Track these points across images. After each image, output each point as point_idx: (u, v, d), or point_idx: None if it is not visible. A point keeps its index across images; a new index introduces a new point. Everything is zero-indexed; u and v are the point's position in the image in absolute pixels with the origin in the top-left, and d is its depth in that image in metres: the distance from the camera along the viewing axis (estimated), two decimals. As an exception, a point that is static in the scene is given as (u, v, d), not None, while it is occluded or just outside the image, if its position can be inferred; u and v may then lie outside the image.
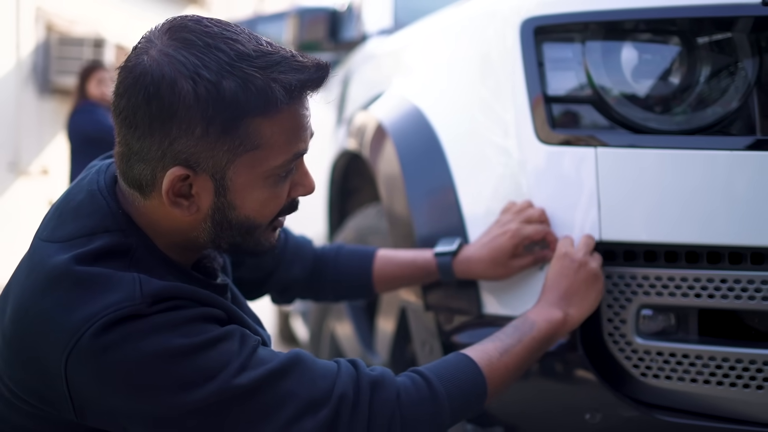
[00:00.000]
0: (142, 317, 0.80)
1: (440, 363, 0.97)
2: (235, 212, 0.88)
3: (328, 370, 0.88)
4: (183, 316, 0.82)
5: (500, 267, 1.17)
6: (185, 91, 0.80)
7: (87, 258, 0.83)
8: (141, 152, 0.84)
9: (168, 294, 0.82)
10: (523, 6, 1.23)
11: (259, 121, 0.83)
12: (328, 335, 2.04)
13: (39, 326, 0.81)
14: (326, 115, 2.66)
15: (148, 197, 0.87)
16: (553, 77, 1.20)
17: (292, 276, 1.28)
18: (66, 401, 0.81)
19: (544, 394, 1.19)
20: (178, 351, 0.80)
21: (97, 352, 0.78)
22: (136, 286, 0.81)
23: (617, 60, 1.18)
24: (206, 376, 0.81)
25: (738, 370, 1.08)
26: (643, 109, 1.17)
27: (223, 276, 1.03)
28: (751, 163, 1.09)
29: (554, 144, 1.17)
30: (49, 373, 0.80)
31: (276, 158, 0.86)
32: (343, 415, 0.85)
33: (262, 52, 0.83)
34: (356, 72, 2.26)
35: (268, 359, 0.85)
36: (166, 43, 0.82)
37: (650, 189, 1.11)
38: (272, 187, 0.88)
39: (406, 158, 1.40)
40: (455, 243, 1.22)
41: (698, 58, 1.16)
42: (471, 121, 1.31)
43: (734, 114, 1.14)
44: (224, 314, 0.89)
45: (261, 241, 0.93)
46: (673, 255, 1.11)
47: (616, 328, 1.14)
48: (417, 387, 0.91)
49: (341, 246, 1.34)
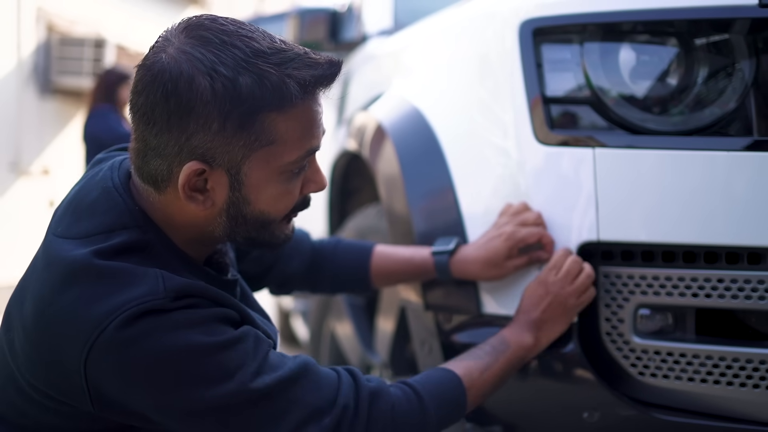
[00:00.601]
0: (164, 312, 0.81)
1: (429, 378, 1.02)
2: (249, 207, 0.89)
3: (332, 379, 0.92)
4: (201, 314, 0.84)
5: (495, 268, 1.19)
6: (203, 87, 0.81)
7: (107, 253, 0.84)
8: (158, 148, 0.85)
9: (189, 291, 0.84)
10: (521, 8, 1.23)
11: (274, 116, 0.84)
12: (328, 335, 2.05)
13: (61, 319, 0.82)
14: (327, 115, 2.67)
15: (163, 192, 0.89)
16: (551, 78, 1.20)
17: (290, 270, 1.30)
18: (84, 393, 0.83)
19: (543, 393, 1.20)
20: (198, 348, 0.82)
21: (121, 344, 0.80)
22: (159, 280, 0.83)
23: (615, 61, 1.19)
24: (225, 375, 0.83)
25: (735, 369, 1.09)
26: (641, 110, 1.18)
27: (233, 271, 1.04)
28: (749, 164, 1.10)
29: (552, 145, 1.18)
30: (68, 364, 0.82)
31: (290, 154, 0.87)
32: (343, 424, 0.90)
33: (277, 49, 0.84)
34: (356, 72, 2.27)
35: (279, 364, 0.88)
36: (184, 41, 0.83)
37: (648, 189, 1.12)
38: (286, 183, 0.90)
39: (405, 159, 1.40)
40: (452, 243, 1.24)
41: (696, 59, 1.17)
42: (470, 121, 1.32)
43: (731, 115, 1.15)
44: (238, 315, 0.91)
45: (276, 234, 0.95)
46: (670, 255, 1.12)
47: (614, 327, 1.14)
48: (408, 399, 0.96)
49: (339, 240, 1.35)
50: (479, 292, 1.24)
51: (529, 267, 1.19)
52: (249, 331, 0.89)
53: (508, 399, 1.24)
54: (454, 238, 1.25)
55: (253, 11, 9.21)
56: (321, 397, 0.89)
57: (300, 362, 0.91)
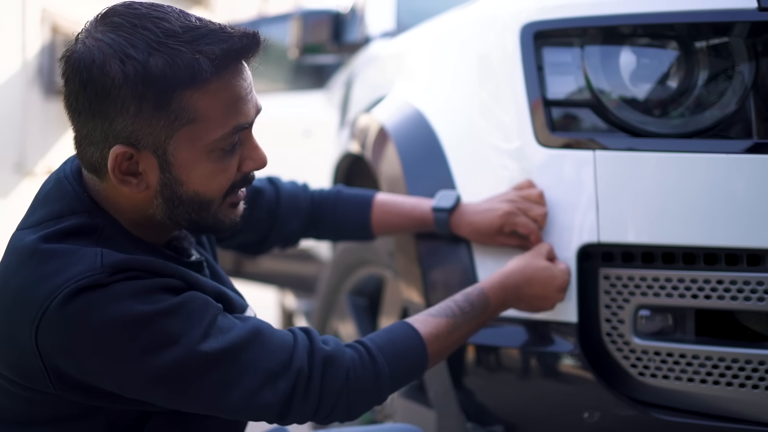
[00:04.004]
0: (102, 287, 0.83)
1: (388, 337, 1.01)
2: (183, 188, 0.90)
3: (286, 342, 0.92)
4: (141, 285, 0.85)
5: (485, 237, 1.23)
6: (114, 72, 0.83)
7: (53, 236, 0.87)
8: (89, 136, 0.88)
9: (127, 265, 0.85)
10: (523, 11, 1.25)
11: (189, 93, 0.85)
12: (332, 335, 2.06)
13: (12, 302, 0.85)
14: (330, 117, 2.69)
15: (103, 179, 0.91)
16: (552, 81, 1.22)
17: (290, 230, 1.33)
18: (43, 374, 0.84)
19: (544, 393, 1.21)
20: (139, 317, 0.83)
21: (63, 321, 0.82)
22: (98, 258, 0.84)
23: (616, 64, 1.20)
24: (169, 340, 0.84)
25: (734, 369, 1.10)
26: (642, 112, 1.19)
27: (198, 254, 1.05)
28: (748, 167, 1.11)
29: (553, 147, 1.19)
30: (24, 347, 0.84)
31: (215, 131, 0.88)
32: (299, 387, 0.90)
33: (189, 27, 0.86)
34: (359, 74, 2.28)
35: (229, 328, 0.89)
36: (98, 30, 0.86)
37: (648, 191, 1.13)
38: (217, 161, 0.90)
39: (408, 160, 1.42)
40: (452, 200, 1.26)
41: (696, 62, 1.18)
42: (472, 124, 1.33)
43: (732, 117, 1.15)
44: (183, 284, 0.91)
45: (219, 218, 0.94)
46: (670, 256, 1.13)
47: (615, 328, 1.15)
48: (363, 364, 0.96)
49: (340, 191, 1.37)
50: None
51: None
52: (193, 296, 0.89)
53: (510, 399, 1.25)
54: (455, 194, 1.27)
55: (256, 11, 9.22)
56: (274, 360, 0.89)
57: (251, 325, 0.91)
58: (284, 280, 3.27)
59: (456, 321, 1.05)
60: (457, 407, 1.29)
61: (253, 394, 0.88)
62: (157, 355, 0.84)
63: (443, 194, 1.29)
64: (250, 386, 0.88)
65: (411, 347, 1.00)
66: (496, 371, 1.25)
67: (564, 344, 1.17)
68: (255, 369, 0.88)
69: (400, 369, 0.99)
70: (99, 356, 0.83)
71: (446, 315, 1.05)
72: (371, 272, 1.81)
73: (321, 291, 2.01)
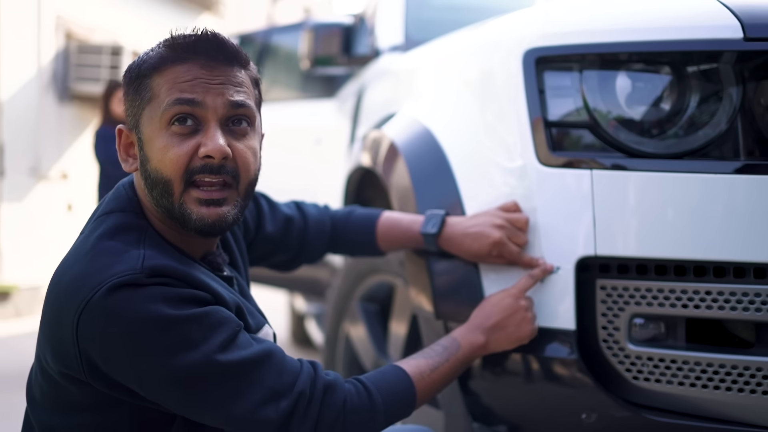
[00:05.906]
0: (139, 286, 0.93)
1: (380, 375, 1.11)
2: (150, 164, 1.01)
3: (293, 367, 1.02)
4: (173, 292, 0.95)
5: (474, 257, 1.32)
6: (128, 69, 1.04)
7: (106, 235, 0.99)
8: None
9: (163, 271, 0.95)
10: (526, 37, 1.32)
11: (154, 76, 1.01)
12: (344, 338, 2.11)
13: (64, 293, 0.96)
14: (341, 125, 2.75)
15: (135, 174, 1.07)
16: (553, 103, 1.28)
17: (316, 251, 1.47)
18: (78, 361, 0.94)
19: (545, 396, 1.27)
20: (166, 319, 0.92)
21: (102, 311, 0.91)
22: (140, 259, 0.95)
23: (612, 88, 1.26)
24: (189, 345, 0.93)
25: (722, 374, 1.16)
26: (637, 133, 1.25)
27: (230, 270, 1.16)
28: (735, 186, 1.17)
29: (553, 166, 1.26)
30: (66, 334, 0.93)
31: (161, 106, 1.00)
32: (298, 409, 0.99)
33: (179, 34, 1.01)
34: (369, 87, 2.34)
35: (245, 345, 0.98)
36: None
37: (642, 208, 1.19)
38: (170, 137, 1.00)
39: (417, 175, 1.49)
40: (438, 224, 1.35)
41: (687, 86, 1.23)
42: (477, 142, 1.40)
43: (722, 137, 1.21)
44: (211, 298, 1.00)
45: (185, 209, 1.00)
46: (662, 268, 1.19)
47: (611, 335, 1.22)
48: (359, 395, 1.05)
49: (352, 212, 1.48)
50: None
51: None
52: (217, 310, 0.97)
53: (513, 401, 1.31)
54: (440, 215, 1.35)
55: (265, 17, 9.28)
56: (280, 380, 0.98)
57: (265, 347, 1.00)
58: (294, 283, 3.31)
59: (434, 361, 1.16)
60: (464, 408, 1.35)
61: (256, 408, 0.96)
62: (176, 356, 0.92)
63: (430, 215, 1.37)
64: (256, 401, 0.96)
65: (400, 383, 1.11)
66: (501, 375, 1.31)
67: (563, 350, 1.23)
68: (262, 386, 0.97)
69: (392, 402, 1.08)
70: (125, 348, 0.92)
71: (425, 356, 1.17)
72: (382, 280, 1.86)
73: (333, 297, 2.06)
